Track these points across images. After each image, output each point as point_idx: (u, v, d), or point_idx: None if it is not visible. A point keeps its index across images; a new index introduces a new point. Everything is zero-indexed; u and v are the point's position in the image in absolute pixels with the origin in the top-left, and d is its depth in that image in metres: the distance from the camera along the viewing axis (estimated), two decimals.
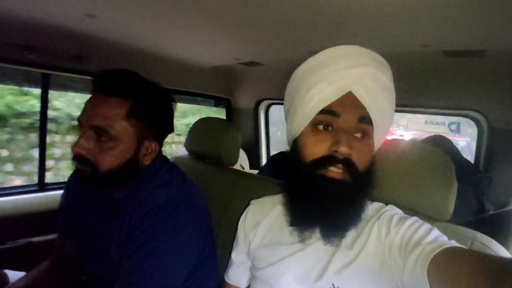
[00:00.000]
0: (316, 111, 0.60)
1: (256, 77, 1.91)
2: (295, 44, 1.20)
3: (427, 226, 0.57)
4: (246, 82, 2.01)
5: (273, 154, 1.95)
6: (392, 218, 0.61)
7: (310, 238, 0.63)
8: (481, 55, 1.09)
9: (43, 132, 1.37)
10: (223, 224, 1.01)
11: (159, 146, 0.81)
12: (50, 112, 1.30)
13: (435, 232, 0.55)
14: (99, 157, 0.71)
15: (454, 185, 0.69)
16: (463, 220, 0.88)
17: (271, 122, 2.26)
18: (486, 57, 1.09)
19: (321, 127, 0.61)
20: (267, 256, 0.68)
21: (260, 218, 0.74)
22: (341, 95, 0.60)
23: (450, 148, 1.36)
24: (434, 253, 0.48)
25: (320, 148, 0.59)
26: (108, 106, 0.71)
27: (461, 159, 1.34)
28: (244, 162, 2.13)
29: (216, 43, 1.31)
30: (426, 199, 0.70)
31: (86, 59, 1.26)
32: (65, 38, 1.13)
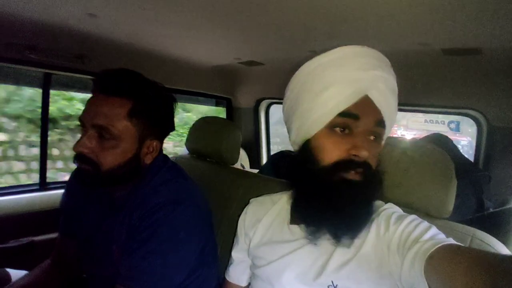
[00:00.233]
0: (334, 114, 0.58)
1: (256, 76, 1.91)
2: (295, 43, 1.20)
3: (426, 224, 0.57)
4: (246, 81, 2.01)
5: (273, 154, 1.95)
6: (391, 216, 0.61)
7: (320, 237, 0.62)
8: (479, 53, 1.09)
9: (45, 131, 1.38)
10: (224, 222, 1.01)
11: (160, 144, 0.81)
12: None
13: (433, 230, 0.55)
14: (101, 156, 0.71)
15: (454, 183, 0.69)
16: (463, 218, 0.89)
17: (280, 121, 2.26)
18: (484, 55, 1.10)
19: (338, 130, 0.59)
20: (267, 254, 0.68)
21: (259, 216, 0.75)
22: (359, 98, 0.58)
23: (449, 146, 1.36)
24: (431, 250, 0.48)
25: (338, 151, 0.58)
26: (109, 106, 0.71)
27: (460, 157, 1.34)
28: (244, 161, 2.14)
29: (216, 43, 1.31)
30: (426, 197, 0.70)
31: (87, 59, 1.26)
32: (66, 37, 1.13)
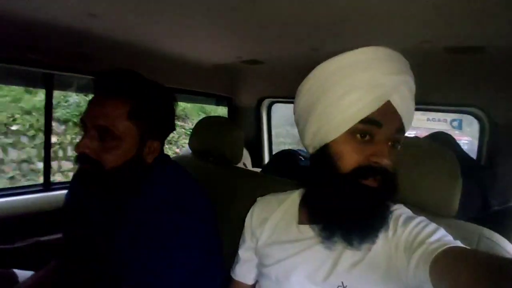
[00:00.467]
0: (356, 120, 0.57)
1: (258, 75, 1.91)
2: (298, 41, 1.20)
3: (433, 225, 0.57)
4: (248, 80, 2.01)
5: (276, 152, 1.95)
6: (399, 217, 0.61)
7: (336, 242, 0.61)
8: (481, 52, 1.09)
9: (48, 132, 1.38)
10: (228, 222, 1.01)
11: (161, 144, 0.82)
12: None
13: (441, 232, 0.55)
14: (103, 156, 0.71)
15: (460, 181, 0.69)
16: (468, 216, 0.89)
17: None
18: (487, 53, 1.10)
19: (358, 136, 0.58)
20: (275, 253, 0.68)
21: (266, 215, 0.75)
22: (382, 104, 0.57)
23: (452, 144, 1.36)
24: (437, 252, 0.48)
25: (358, 157, 0.57)
26: (110, 106, 0.72)
27: (464, 156, 1.34)
28: (246, 160, 2.14)
29: (218, 41, 1.31)
30: (432, 196, 0.70)
31: (89, 58, 1.26)
32: (67, 37, 1.13)
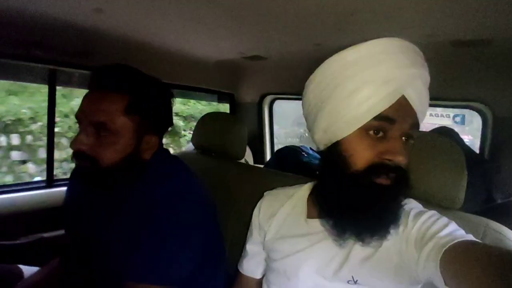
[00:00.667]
0: (370, 117, 0.55)
1: (260, 71, 1.91)
2: (300, 37, 1.19)
3: (444, 220, 0.57)
4: (249, 76, 2.00)
5: (277, 149, 1.95)
6: (410, 212, 0.61)
7: (347, 239, 0.60)
8: (487, 45, 1.08)
9: (51, 128, 1.38)
10: (232, 217, 1.01)
11: (159, 139, 0.81)
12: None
13: (452, 226, 0.55)
14: (100, 152, 0.71)
15: (465, 174, 0.69)
16: (472, 209, 0.89)
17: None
18: (493, 46, 1.09)
19: (371, 133, 0.56)
20: (284, 247, 0.68)
21: (274, 210, 0.74)
22: (396, 99, 0.55)
23: (456, 139, 1.36)
24: (447, 246, 0.48)
25: (370, 155, 0.56)
26: (107, 102, 0.71)
27: (468, 150, 1.34)
28: (248, 157, 2.14)
29: (220, 38, 1.31)
30: (438, 188, 0.71)
31: (92, 54, 1.26)
32: (72, 33, 1.13)
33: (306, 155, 1.70)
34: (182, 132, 4.15)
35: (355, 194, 0.57)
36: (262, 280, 0.77)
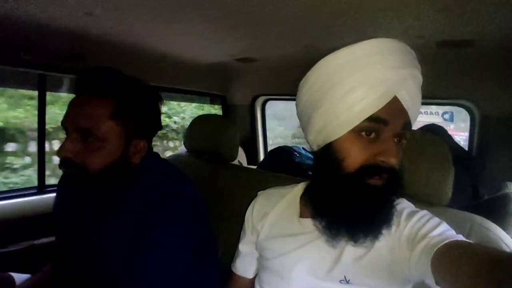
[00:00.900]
0: (362, 118, 0.55)
1: (251, 73, 1.91)
2: (291, 39, 1.20)
3: (436, 220, 0.58)
4: (241, 78, 2.01)
5: (270, 150, 1.96)
6: (402, 212, 0.61)
7: (341, 240, 0.60)
8: (470, 46, 1.11)
9: (42, 134, 1.37)
10: (225, 219, 1.02)
11: (148, 143, 0.80)
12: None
13: (443, 226, 0.56)
14: (87, 158, 0.69)
15: (452, 170, 0.71)
16: (459, 205, 0.91)
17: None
18: (477, 47, 1.12)
19: (364, 134, 0.57)
20: (276, 247, 0.69)
21: (268, 209, 0.75)
22: (388, 101, 0.55)
23: (444, 136, 1.38)
24: (439, 245, 0.49)
25: (363, 156, 0.57)
26: (92, 107, 0.69)
27: (455, 147, 1.37)
28: (242, 158, 2.15)
29: (212, 41, 1.31)
30: (425, 185, 0.72)
31: (83, 58, 1.25)
32: (62, 37, 1.12)
33: (298, 155, 1.71)
34: None
35: (348, 195, 0.57)
36: (254, 280, 0.77)
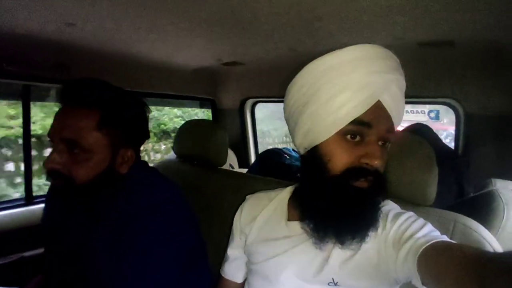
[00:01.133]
0: (347, 121, 0.57)
1: (239, 76, 1.92)
2: (275, 42, 1.21)
3: (421, 221, 0.59)
4: (229, 82, 2.02)
5: (261, 152, 1.97)
6: (388, 213, 0.62)
7: (328, 242, 0.61)
8: (450, 45, 1.13)
9: (28, 144, 1.35)
10: (215, 223, 1.02)
11: (135, 152, 0.80)
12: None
13: (428, 227, 0.57)
14: (74, 170, 0.69)
15: (435, 171, 0.72)
16: (445, 204, 0.92)
17: None
18: (457, 47, 1.14)
19: (349, 137, 0.58)
20: (264, 251, 0.69)
21: (255, 213, 0.75)
22: (372, 104, 0.57)
23: (430, 135, 1.40)
24: (424, 246, 0.50)
25: (348, 159, 0.58)
26: (77, 118, 0.69)
27: (441, 146, 1.39)
28: (233, 161, 2.15)
29: (197, 46, 1.31)
30: (409, 186, 0.73)
31: (67, 68, 1.24)
32: (45, 48, 1.11)
33: (288, 157, 1.72)
34: None
35: (334, 197, 0.58)
36: (243, 284, 0.78)
